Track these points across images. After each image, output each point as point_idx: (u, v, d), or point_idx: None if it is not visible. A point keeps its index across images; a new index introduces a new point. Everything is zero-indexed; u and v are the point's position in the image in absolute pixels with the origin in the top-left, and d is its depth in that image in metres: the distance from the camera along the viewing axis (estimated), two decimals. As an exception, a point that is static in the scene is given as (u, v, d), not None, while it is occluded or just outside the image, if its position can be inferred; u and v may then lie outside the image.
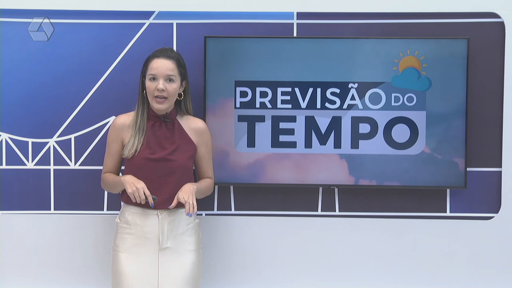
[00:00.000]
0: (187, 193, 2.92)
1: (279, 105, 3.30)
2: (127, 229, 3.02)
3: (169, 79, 2.99)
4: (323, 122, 3.30)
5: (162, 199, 2.97)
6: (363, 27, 3.33)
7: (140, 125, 3.03)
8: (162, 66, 2.99)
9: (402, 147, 3.29)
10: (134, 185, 2.91)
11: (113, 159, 3.09)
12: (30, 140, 3.37)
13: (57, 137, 3.37)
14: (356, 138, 3.29)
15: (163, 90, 2.97)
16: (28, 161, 3.38)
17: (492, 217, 3.37)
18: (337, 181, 3.32)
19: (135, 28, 3.35)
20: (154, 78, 2.99)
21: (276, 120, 3.30)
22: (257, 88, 3.30)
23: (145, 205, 2.97)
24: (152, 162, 2.99)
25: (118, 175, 3.10)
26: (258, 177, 3.32)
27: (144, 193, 2.89)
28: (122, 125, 3.06)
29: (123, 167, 3.14)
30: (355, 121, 3.29)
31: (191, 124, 3.10)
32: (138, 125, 3.02)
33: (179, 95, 3.06)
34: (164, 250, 2.98)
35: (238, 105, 3.30)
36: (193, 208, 2.89)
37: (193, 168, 3.14)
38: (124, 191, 2.99)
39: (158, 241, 2.98)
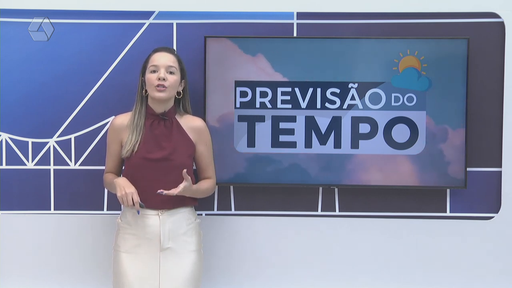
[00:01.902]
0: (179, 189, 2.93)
1: (279, 105, 3.30)
2: (128, 229, 3.02)
3: (170, 71, 3.00)
4: (323, 122, 3.30)
5: (161, 199, 2.96)
6: (363, 27, 3.33)
7: (138, 123, 3.03)
8: (164, 58, 3.01)
9: (402, 147, 3.29)
10: (124, 189, 2.91)
11: (113, 159, 3.10)
12: (30, 140, 3.37)
13: (57, 137, 3.38)
14: (356, 138, 3.29)
15: (164, 79, 2.97)
16: (28, 161, 3.38)
17: (492, 217, 3.37)
18: (337, 181, 3.32)
19: (135, 28, 3.35)
20: (155, 70, 3.00)
21: (276, 120, 3.30)
22: (257, 88, 3.30)
23: (146, 206, 2.97)
24: (150, 161, 2.99)
25: (119, 175, 3.11)
26: (258, 177, 3.32)
27: (133, 199, 2.90)
28: (121, 125, 3.06)
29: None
30: (355, 121, 3.29)
31: (190, 123, 3.10)
32: (135, 123, 3.02)
33: (178, 93, 3.06)
34: (165, 250, 2.98)
35: (238, 105, 3.30)
36: (168, 192, 2.90)
37: (193, 167, 3.14)
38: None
39: (159, 242, 2.98)
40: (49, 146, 3.38)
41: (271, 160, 3.31)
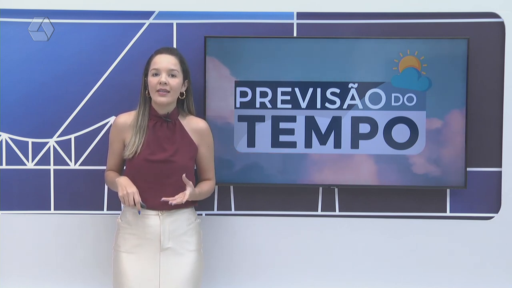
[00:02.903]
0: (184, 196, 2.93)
1: (279, 105, 3.30)
2: (128, 229, 3.02)
3: (172, 75, 2.99)
4: (323, 122, 3.30)
5: (163, 200, 2.96)
6: (363, 27, 3.33)
7: (141, 125, 3.02)
8: (165, 60, 2.99)
9: (402, 147, 3.29)
10: (126, 189, 2.91)
11: (115, 158, 3.10)
12: (30, 140, 3.37)
13: (57, 137, 3.38)
14: (356, 138, 3.29)
15: (166, 83, 2.97)
16: (28, 161, 3.38)
17: (492, 217, 3.37)
18: (337, 181, 3.32)
19: (135, 28, 3.35)
20: (156, 74, 2.98)
21: (276, 120, 3.30)
22: (257, 88, 3.30)
23: (147, 206, 2.97)
24: (152, 163, 2.99)
25: (121, 173, 3.10)
26: (258, 177, 3.32)
27: (134, 199, 2.90)
28: (124, 124, 3.06)
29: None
30: (355, 121, 3.29)
31: (193, 124, 3.10)
32: (139, 125, 3.02)
33: (181, 94, 3.06)
34: (165, 250, 2.98)
35: (238, 105, 3.30)
36: (175, 200, 2.91)
37: (194, 168, 3.14)
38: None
39: (159, 242, 2.98)
40: (49, 146, 3.38)
41: (271, 160, 3.31)
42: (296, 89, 3.29)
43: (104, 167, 3.17)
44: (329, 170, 3.31)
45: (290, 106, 3.30)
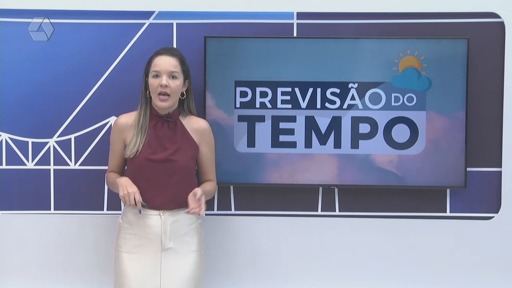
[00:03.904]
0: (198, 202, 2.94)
1: (279, 105, 3.30)
2: (129, 229, 3.01)
3: (172, 76, 2.98)
4: (323, 122, 3.30)
5: (165, 200, 2.96)
6: (363, 27, 3.33)
7: (143, 125, 3.02)
8: (165, 62, 2.98)
9: (402, 147, 3.29)
10: (126, 188, 2.91)
11: (116, 159, 3.09)
12: (30, 140, 3.38)
13: (57, 137, 3.38)
14: (356, 138, 3.29)
15: (166, 86, 2.96)
16: (28, 161, 3.38)
17: (492, 217, 3.37)
18: (337, 181, 3.32)
19: (135, 28, 3.35)
20: (157, 75, 2.98)
21: (276, 120, 3.30)
22: (257, 88, 3.30)
23: (148, 206, 2.97)
24: (153, 162, 2.99)
25: (123, 174, 3.10)
26: (258, 177, 3.32)
27: (135, 199, 2.89)
28: (124, 125, 3.05)
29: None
30: (355, 121, 3.29)
31: (194, 124, 3.09)
32: (140, 125, 3.02)
33: (182, 94, 3.06)
34: (167, 250, 2.98)
35: (238, 105, 3.30)
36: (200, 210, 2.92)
37: (195, 168, 3.14)
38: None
39: (160, 242, 2.98)
40: (49, 146, 3.38)
41: (271, 160, 3.31)
42: (296, 89, 3.29)
43: (104, 167, 3.18)
44: (329, 170, 3.31)
45: (290, 106, 3.30)
